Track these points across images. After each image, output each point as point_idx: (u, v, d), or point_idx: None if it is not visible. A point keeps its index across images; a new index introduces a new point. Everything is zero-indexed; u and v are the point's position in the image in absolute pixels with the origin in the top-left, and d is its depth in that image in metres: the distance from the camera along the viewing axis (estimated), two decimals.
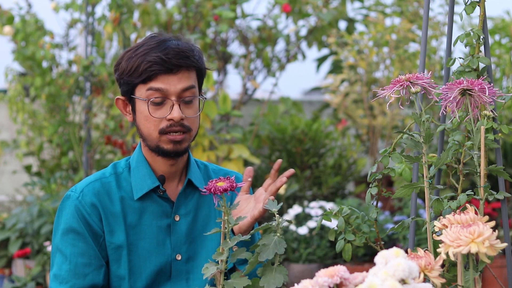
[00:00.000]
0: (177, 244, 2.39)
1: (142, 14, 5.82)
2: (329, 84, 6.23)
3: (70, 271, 2.30)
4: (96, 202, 2.34)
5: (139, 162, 2.39)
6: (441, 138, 2.40)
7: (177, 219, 2.39)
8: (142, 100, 2.31)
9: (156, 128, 2.32)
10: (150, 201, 2.38)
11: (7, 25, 5.61)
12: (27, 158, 6.25)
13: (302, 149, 5.62)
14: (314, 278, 1.77)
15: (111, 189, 2.36)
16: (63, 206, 2.36)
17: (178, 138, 2.32)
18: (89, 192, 2.34)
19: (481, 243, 1.84)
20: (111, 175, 2.38)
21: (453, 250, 1.84)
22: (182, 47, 2.32)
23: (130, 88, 2.34)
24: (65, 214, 2.34)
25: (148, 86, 2.30)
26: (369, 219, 2.29)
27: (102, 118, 5.83)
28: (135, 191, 2.36)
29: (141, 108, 2.33)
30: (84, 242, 2.32)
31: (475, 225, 1.87)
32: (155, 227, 2.37)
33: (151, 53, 2.30)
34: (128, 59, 2.33)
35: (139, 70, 2.30)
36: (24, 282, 4.81)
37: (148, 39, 2.35)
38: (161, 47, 2.30)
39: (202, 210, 2.43)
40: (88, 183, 2.36)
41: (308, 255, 4.76)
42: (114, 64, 2.40)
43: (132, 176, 2.38)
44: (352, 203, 4.98)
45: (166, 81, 2.30)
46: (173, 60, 2.29)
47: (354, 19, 6.79)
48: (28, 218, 5.01)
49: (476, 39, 2.26)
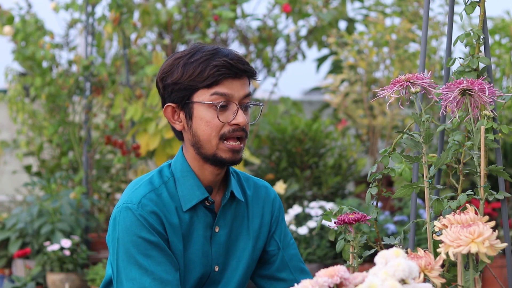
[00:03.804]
0: (216, 255, 2.37)
1: (142, 14, 5.82)
2: (329, 84, 6.23)
3: (154, 281, 2.23)
4: (158, 211, 2.28)
5: (185, 171, 2.33)
6: (441, 138, 2.40)
7: (217, 230, 2.37)
8: (205, 104, 2.27)
9: (217, 134, 2.27)
10: (197, 211, 2.34)
11: (7, 25, 5.61)
12: (27, 158, 6.25)
13: (302, 149, 5.62)
14: (314, 278, 1.77)
15: (165, 200, 2.31)
16: (121, 219, 2.27)
17: (237, 147, 2.29)
18: (149, 202, 2.28)
19: (481, 243, 1.84)
20: (161, 186, 2.32)
21: (453, 250, 1.84)
22: (238, 54, 2.32)
23: (187, 94, 2.28)
24: (129, 226, 2.26)
25: (213, 91, 2.26)
26: (369, 219, 2.29)
27: (102, 118, 5.83)
28: (184, 202, 2.31)
29: (201, 113, 2.28)
30: (158, 250, 2.25)
31: (475, 225, 1.87)
32: (202, 238, 2.34)
33: (215, 58, 2.26)
34: (185, 65, 2.27)
35: (204, 74, 2.25)
36: (24, 282, 4.81)
37: (196, 47, 2.31)
38: (222, 53, 2.28)
39: (236, 221, 2.41)
40: (143, 194, 2.29)
41: (308, 255, 4.76)
42: (161, 72, 2.32)
43: (178, 186, 2.33)
44: (352, 203, 4.98)
45: (231, 86, 2.27)
46: (239, 65, 2.27)
47: (354, 19, 6.79)
48: (28, 218, 5.00)
49: (476, 39, 2.26)
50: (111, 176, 5.62)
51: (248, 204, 2.44)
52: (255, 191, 2.47)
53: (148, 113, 4.99)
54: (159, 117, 4.94)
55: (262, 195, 2.48)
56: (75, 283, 4.79)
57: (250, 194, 2.45)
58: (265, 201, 2.47)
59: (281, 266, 2.49)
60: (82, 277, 4.81)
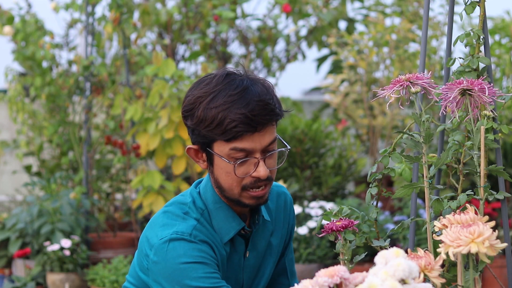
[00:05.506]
0: (247, 279, 2.33)
1: (142, 14, 5.82)
2: (329, 84, 6.23)
3: None
4: (210, 241, 2.21)
5: (217, 203, 2.25)
6: (441, 138, 2.40)
7: (247, 255, 2.32)
8: (224, 159, 2.17)
9: (238, 185, 2.19)
10: (235, 242, 2.28)
11: (7, 25, 5.61)
12: (27, 158, 6.25)
13: (302, 149, 5.62)
14: (314, 278, 1.77)
15: (210, 231, 2.24)
16: (173, 248, 2.16)
17: (261, 194, 2.20)
18: (199, 233, 2.19)
19: (481, 243, 1.84)
20: (201, 218, 2.24)
21: (453, 250, 1.84)
22: (264, 97, 2.15)
23: (207, 141, 2.18)
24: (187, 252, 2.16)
25: (232, 146, 2.15)
26: (369, 219, 2.29)
27: (102, 118, 5.83)
28: (222, 235, 2.24)
29: (221, 164, 2.18)
30: (214, 269, 2.18)
31: (475, 225, 1.87)
32: (236, 266, 2.30)
33: (234, 109, 2.12)
34: (205, 110, 2.14)
35: (221, 127, 2.13)
36: (24, 282, 4.81)
37: (222, 82, 2.17)
38: (244, 100, 2.13)
39: (262, 240, 2.35)
40: (191, 226, 2.20)
41: (308, 255, 4.76)
42: (183, 108, 2.20)
43: (213, 218, 2.24)
44: (352, 203, 4.98)
45: (251, 140, 2.14)
46: (259, 118, 2.13)
47: (354, 19, 6.79)
48: (28, 218, 5.00)
49: (476, 39, 2.26)
50: (111, 176, 5.62)
51: (272, 220, 2.38)
52: (277, 201, 2.41)
53: (148, 113, 4.99)
54: (159, 117, 4.94)
55: (282, 205, 2.41)
56: (75, 283, 4.80)
57: (272, 207, 2.39)
58: (284, 211, 2.41)
59: (281, 270, 2.47)
60: (82, 277, 4.82)
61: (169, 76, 4.87)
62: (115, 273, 4.61)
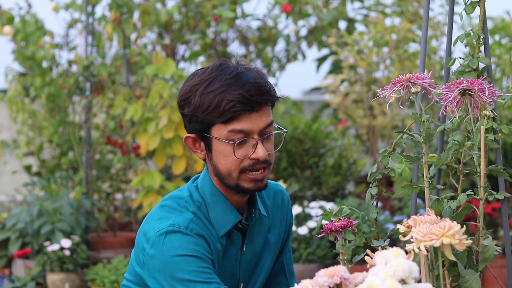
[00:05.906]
0: (243, 274, 2.33)
1: (142, 14, 5.82)
2: (329, 84, 6.23)
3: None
4: (206, 236, 2.22)
5: (215, 195, 2.27)
6: (441, 138, 2.40)
7: (244, 249, 2.32)
8: (223, 141, 2.19)
9: (237, 167, 2.21)
10: (231, 235, 2.29)
11: (7, 25, 5.61)
12: (27, 158, 6.25)
13: (302, 149, 5.61)
14: (314, 278, 1.77)
15: (207, 225, 2.24)
16: (169, 241, 2.17)
17: (259, 176, 2.22)
18: (195, 226, 2.20)
19: (452, 236, 1.92)
20: (198, 211, 2.25)
21: (426, 243, 1.90)
22: (259, 80, 2.20)
23: (205, 127, 2.21)
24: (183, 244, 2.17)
25: (230, 128, 2.17)
26: (369, 219, 2.29)
27: (102, 118, 5.83)
28: (219, 228, 2.25)
29: (219, 147, 2.20)
30: (208, 264, 2.18)
31: (443, 221, 1.96)
32: (233, 260, 2.30)
33: (230, 90, 2.16)
34: (202, 95, 2.18)
35: (219, 109, 2.16)
36: (24, 282, 4.81)
37: (217, 70, 2.22)
38: (239, 83, 2.17)
39: (259, 235, 2.36)
40: (188, 219, 2.21)
41: (308, 255, 4.76)
42: (180, 98, 2.24)
43: (211, 211, 2.26)
44: (352, 203, 4.98)
45: (249, 121, 2.18)
46: (256, 98, 2.17)
47: (354, 19, 6.79)
48: (28, 218, 5.00)
49: (476, 39, 2.26)
50: (111, 176, 5.62)
51: (269, 216, 2.38)
52: (274, 199, 2.42)
53: (148, 113, 4.99)
54: (159, 117, 4.94)
55: (279, 203, 2.42)
56: (75, 283, 4.80)
57: (269, 204, 2.40)
58: (282, 209, 2.42)
59: (279, 270, 2.47)
60: (82, 277, 4.82)
61: (169, 76, 4.87)
62: (115, 273, 4.61)
